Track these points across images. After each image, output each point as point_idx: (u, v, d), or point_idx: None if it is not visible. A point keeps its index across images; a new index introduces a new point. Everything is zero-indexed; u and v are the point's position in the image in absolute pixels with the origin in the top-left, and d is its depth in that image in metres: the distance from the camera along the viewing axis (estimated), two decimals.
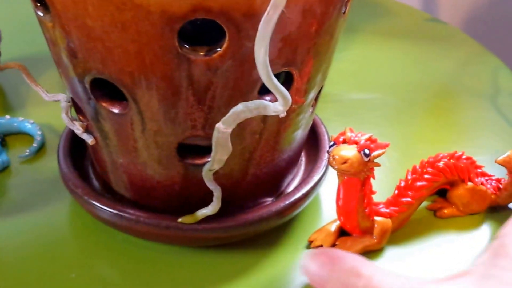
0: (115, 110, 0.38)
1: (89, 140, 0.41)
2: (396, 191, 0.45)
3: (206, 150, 0.38)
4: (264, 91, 0.36)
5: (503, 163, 0.45)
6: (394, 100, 0.64)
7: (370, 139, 0.38)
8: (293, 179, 0.48)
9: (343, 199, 0.40)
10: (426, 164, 0.45)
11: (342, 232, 0.44)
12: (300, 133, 0.43)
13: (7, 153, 0.52)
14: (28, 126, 0.54)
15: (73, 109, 0.43)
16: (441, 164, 0.44)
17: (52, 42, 0.37)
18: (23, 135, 0.55)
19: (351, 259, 0.37)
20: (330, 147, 0.38)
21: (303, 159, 0.50)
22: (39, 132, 0.53)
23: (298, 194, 0.43)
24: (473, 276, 0.35)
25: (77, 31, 0.34)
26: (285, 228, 0.46)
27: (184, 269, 0.43)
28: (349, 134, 0.38)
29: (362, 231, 0.42)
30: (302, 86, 0.38)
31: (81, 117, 0.42)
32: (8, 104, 0.60)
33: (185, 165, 0.39)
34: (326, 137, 0.50)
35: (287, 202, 0.42)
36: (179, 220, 0.40)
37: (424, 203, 0.47)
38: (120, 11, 0.32)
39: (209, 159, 0.36)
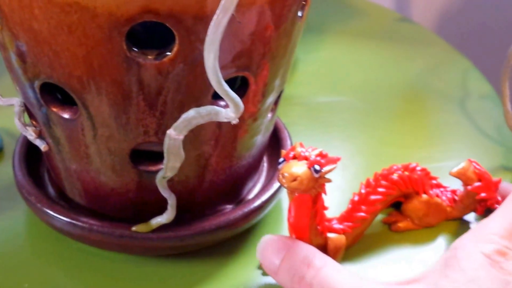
0: (66, 116, 0.36)
1: (42, 146, 0.40)
2: (350, 206, 0.43)
3: (160, 157, 0.37)
4: (218, 95, 0.35)
5: (458, 175, 0.44)
6: (361, 103, 0.63)
7: (320, 154, 0.36)
8: (254, 185, 0.47)
9: (294, 217, 0.39)
10: (380, 177, 0.44)
11: None
12: (259, 139, 0.42)
13: None
14: None
15: (26, 115, 0.42)
16: (395, 176, 0.43)
17: (2, 46, 0.36)
18: None
19: (306, 249, 0.36)
20: (279, 163, 0.36)
21: (265, 164, 0.49)
22: None
23: (258, 202, 0.42)
24: (424, 284, 0.34)
25: (24, 34, 0.33)
26: (246, 236, 0.45)
27: (140, 279, 0.41)
28: (299, 149, 0.36)
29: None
30: (258, 91, 0.37)
31: (34, 123, 0.41)
32: None
33: (139, 172, 0.38)
34: (289, 142, 0.49)
35: (246, 210, 0.41)
36: (133, 228, 0.39)
37: (379, 216, 0.46)
38: (66, 13, 0.31)
39: (161, 168, 0.35)
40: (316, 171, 0.35)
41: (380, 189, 0.43)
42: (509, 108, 0.52)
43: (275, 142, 0.49)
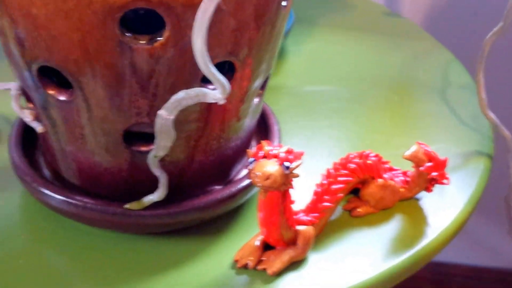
0: (62, 98, 0.38)
1: (38, 128, 0.42)
2: (315, 197, 0.45)
3: (152, 138, 0.39)
4: (208, 79, 0.37)
5: (410, 158, 0.47)
6: (347, 93, 0.66)
7: (288, 151, 0.38)
8: (242, 168, 0.49)
9: (265, 214, 0.40)
10: (339, 166, 0.46)
11: (266, 246, 0.43)
12: (247, 122, 0.44)
13: None
14: None
15: (23, 98, 0.44)
16: (352, 164, 0.45)
17: (1, 31, 0.38)
18: None
19: None
20: (249, 163, 0.38)
21: (253, 149, 0.51)
22: None
23: (246, 182, 0.44)
24: None
25: (23, 19, 0.35)
26: (233, 215, 0.47)
27: (132, 256, 0.43)
28: (267, 148, 0.38)
29: (285, 242, 0.42)
30: (245, 76, 0.40)
31: (31, 106, 0.43)
32: None
33: (132, 152, 0.40)
34: (276, 128, 0.51)
35: (233, 189, 0.43)
36: (126, 206, 0.41)
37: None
38: (63, 0, 0.33)
39: (152, 148, 0.37)
40: (287, 168, 0.37)
41: (341, 178, 0.45)
42: (483, 96, 0.55)
43: (263, 128, 0.51)
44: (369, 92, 0.66)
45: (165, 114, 0.35)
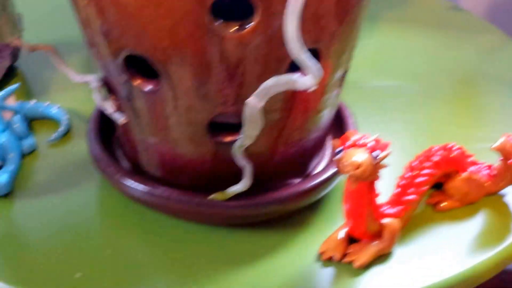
0: (147, 88, 0.38)
1: (120, 119, 0.42)
2: (398, 190, 0.44)
3: (235, 128, 0.39)
4: (293, 68, 0.37)
5: (499, 149, 0.45)
6: (416, 87, 0.64)
7: (376, 140, 0.37)
8: (318, 162, 0.48)
9: (351, 204, 0.39)
10: (423, 159, 0.45)
11: (350, 239, 0.43)
12: (326, 114, 0.44)
13: (33, 137, 0.52)
14: (54, 111, 0.54)
15: (99, 92, 0.44)
16: (436, 157, 0.44)
17: (85, 21, 0.38)
18: (48, 120, 0.55)
19: None
20: (337, 153, 0.37)
21: (328, 143, 0.50)
22: (66, 117, 0.54)
23: (328, 173, 0.44)
24: None
25: (111, 8, 0.35)
26: (312, 208, 0.46)
27: (215, 248, 0.43)
28: (355, 137, 0.37)
29: (371, 235, 0.42)
30: (329, 64, 0.39)
31: (112, 97, 0.43)
32: (33, 89, 0.61)
33: (216, 143, 0.40)
34: (351, 120, 0.50)
35: (317, 181, 0.43)
36: (211, 197, 0.41)
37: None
38: None
39: (239, 137, 0.37)
40: (376, 157, 0.36)
41: (425, 171, 0.44)
42: None
43: (337, 121, 0.50)
44: (440, 86, 0.65)
45: (254, 102, 0.35)
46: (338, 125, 0.50)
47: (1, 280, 0.40)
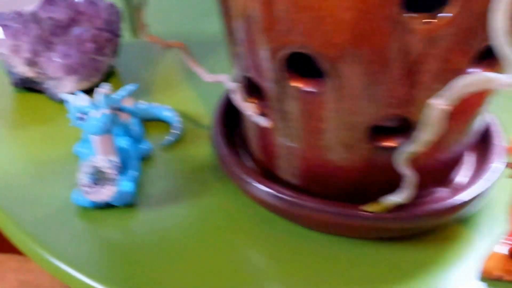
0: (307, 88, 0.35)
1: (264, 123, 0.39)
2: None
3: (396, 132, 0.36)
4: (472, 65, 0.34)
5: None
6: None
7: None
8: (457, 170, 0.44)
9: None
10: None
11: None
12: (481, 118, 0.40)
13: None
14: (166, 113, 0.51)
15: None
16: None
17: (240, 16, 0.35)
18: (156, 122, 0.52)
19: None
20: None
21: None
22: (178, 119, 0.51)
23: (487, 183, 0.40)
24: None
25: (282, 0, 0.32)
26: (459, 221, 0.42)
27: (354, 262, 0.40)
28: None
29: None
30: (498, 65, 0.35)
31: (254, 99, 0.40)
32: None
33: (373, 149, 0.37)
34: (495, 128, 0.46)
35: (478, 192, 0.39)
36: (364, 208, 0.37)
37: None
38: None
39: (405, 142, 0.34)
40: None
41: None
42: None
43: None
44: None
45: (441, 104, 0.31)
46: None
47: None
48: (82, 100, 0.40)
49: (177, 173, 0.47)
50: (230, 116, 0.47)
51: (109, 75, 0.58)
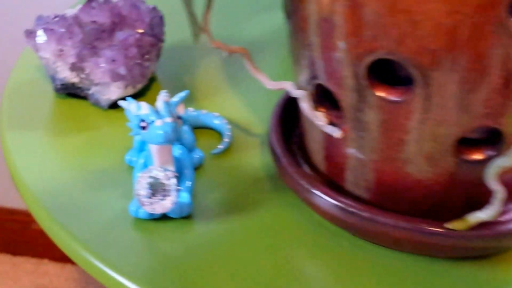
0: (392, 97, 0.33)
1: (336, 133, 0.37)
2: None
3: (479, 143, 0.34)
4: None
5: None
6: None
7: None
8: None
9: None
10: None
11: None
12: None
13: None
14: (216, 121, 0.49)
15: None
16: None
17: (321, 18, 0.33)
18: (203, 129, 0.50)
19: None
20: None
21: None
22: (228, 127, 0.49)
23: None
24: None
25: (376, 2, 0.30)
26: None
27: (425, 282, 0.37)
28: None
29: None
30: None
31: (322, 109, 0.38)
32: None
33: (458, 162, 0.34)
34: None
35: None
36: (448, 226, 0.35)
37: None
38: None
39: (497, 156, 0.32)
40: None
41: None
42: None
43: None
44: None
45: None
46: None
47: None
48: (144, 108, 0.38)
49: (230, 183, 0.45)
50: (286, 124, 0.45)
51: (151, 81, 0.56)
